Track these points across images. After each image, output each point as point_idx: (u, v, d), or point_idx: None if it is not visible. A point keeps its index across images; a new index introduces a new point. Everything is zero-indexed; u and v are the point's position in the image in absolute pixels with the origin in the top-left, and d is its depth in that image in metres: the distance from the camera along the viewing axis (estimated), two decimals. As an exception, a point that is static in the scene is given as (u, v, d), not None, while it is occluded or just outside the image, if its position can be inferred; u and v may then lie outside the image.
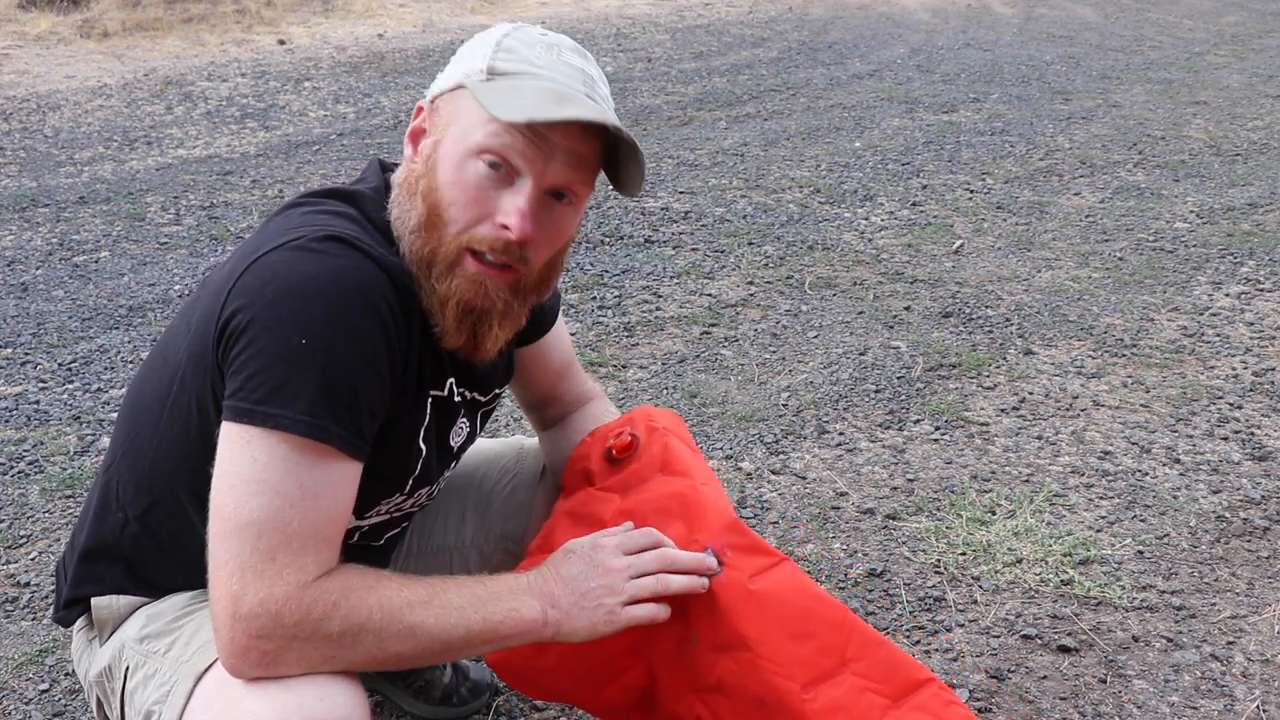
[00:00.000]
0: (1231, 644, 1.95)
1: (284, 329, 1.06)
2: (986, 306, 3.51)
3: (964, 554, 2.21)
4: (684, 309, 3.49)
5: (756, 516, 2.35)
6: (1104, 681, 1.86)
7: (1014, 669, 1.89)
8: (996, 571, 2.15)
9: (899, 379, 3.01)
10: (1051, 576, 2.13)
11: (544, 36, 1.20)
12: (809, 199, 4.66)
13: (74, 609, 1.34)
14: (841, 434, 2.71)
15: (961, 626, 2.00)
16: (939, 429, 2.73)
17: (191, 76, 7.18)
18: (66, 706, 1.82)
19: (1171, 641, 1.96)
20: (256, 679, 1.07)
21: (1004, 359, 3.13)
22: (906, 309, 3.49)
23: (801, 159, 5.27)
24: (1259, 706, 1.80)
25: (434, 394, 1.27)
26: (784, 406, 2.86)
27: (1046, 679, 1.87)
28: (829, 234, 4.20)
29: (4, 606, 2.08)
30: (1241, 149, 5.51)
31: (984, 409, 2.84)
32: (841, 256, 3.97)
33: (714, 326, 3.36)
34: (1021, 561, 2.18)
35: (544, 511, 1.56)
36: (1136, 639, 1.97)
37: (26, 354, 3.19)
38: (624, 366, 3.10)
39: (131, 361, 3.11)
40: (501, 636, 1.17)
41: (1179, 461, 2.57)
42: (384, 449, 1.18)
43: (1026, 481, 2.48)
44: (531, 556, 1.37)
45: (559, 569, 1.23)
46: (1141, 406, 2.84)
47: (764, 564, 1.25)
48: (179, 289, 3.65)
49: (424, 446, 1.27)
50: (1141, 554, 2.21)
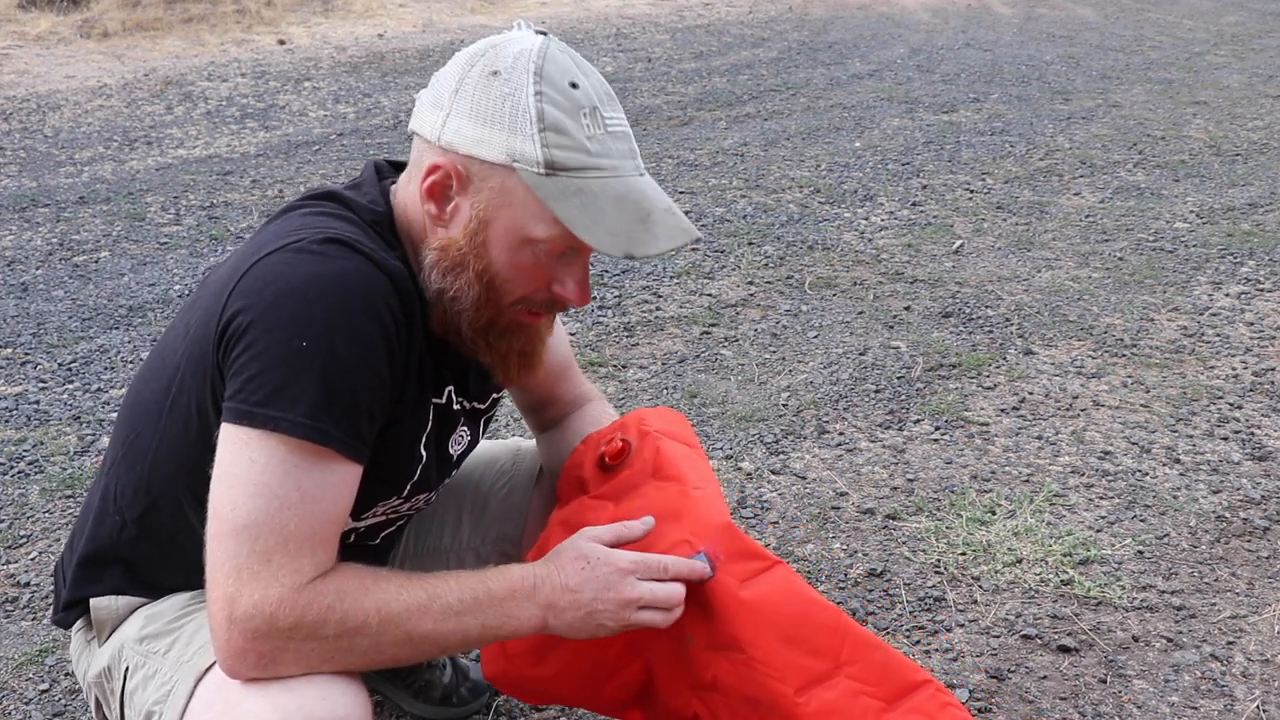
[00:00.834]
0: (1231, 644, 1.95)
1: (285, 331, 1.06)
2: (986, 306, 3.51)
3: (964, 554, 2.21)
4: (684, 309, 3.49)
5: (756, 516, 2.35)
6: (1104, 681, 1.86)
7: (1014, 669, 1.89)
8: (996, 571, 2.15)
9: (899, 379, 3.01)
10: (1051, 576, 2.13)
11: (574, 91, 1.12)
12: (809, 199, 4.66)
13: (73, 611, 1.34)
14: (841, 434, 2.71)
15: (961, 626, 2.00)
16: (939, 429, 2.73)
17: (191, 76, 7.18)
18: (66, 706, 1.82)
19: (1171, 641, 1.96)
20: (255, 680, 1.07)
21: (1004, 359, 3.13)
22: (906, 309, 3.49)
23: (801, 159, 5.27)
24: (1259, 706, 1.80)
25: (434, 401, 1.28)
26: (784, 406, 2.86)
27: (1046, 679, 1.87)
28: (829, 234, 4.20)
29: (4, 606, 2.08)
30: (1241, 149, 5.51)
31: (984, 409, 2.84)
32: (841, 256, 3.97)
33: (714, 326, 3.36)
34: (1021, 561, 2.18)
35: (541, 513, 1.56)
36: (1136, 639, 1.97)
37: (26, 354, 3.19)
38: (624, 366, 3.10)
39: (131, 361, 3.11)
40: (499, 638, 1.19)
41: (1179, 461, 2.57)
42: (384, 452, 1.19)
43: (1026, 481, 2.48)
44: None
45: (567, 577, 1.20)
46: (1141, 406, 2.84)
47: (756, 568, 1.25)
48: (179, 289, 3.65)
49: (424, 453, 1.28)
50: (1141, 554, 2.21)
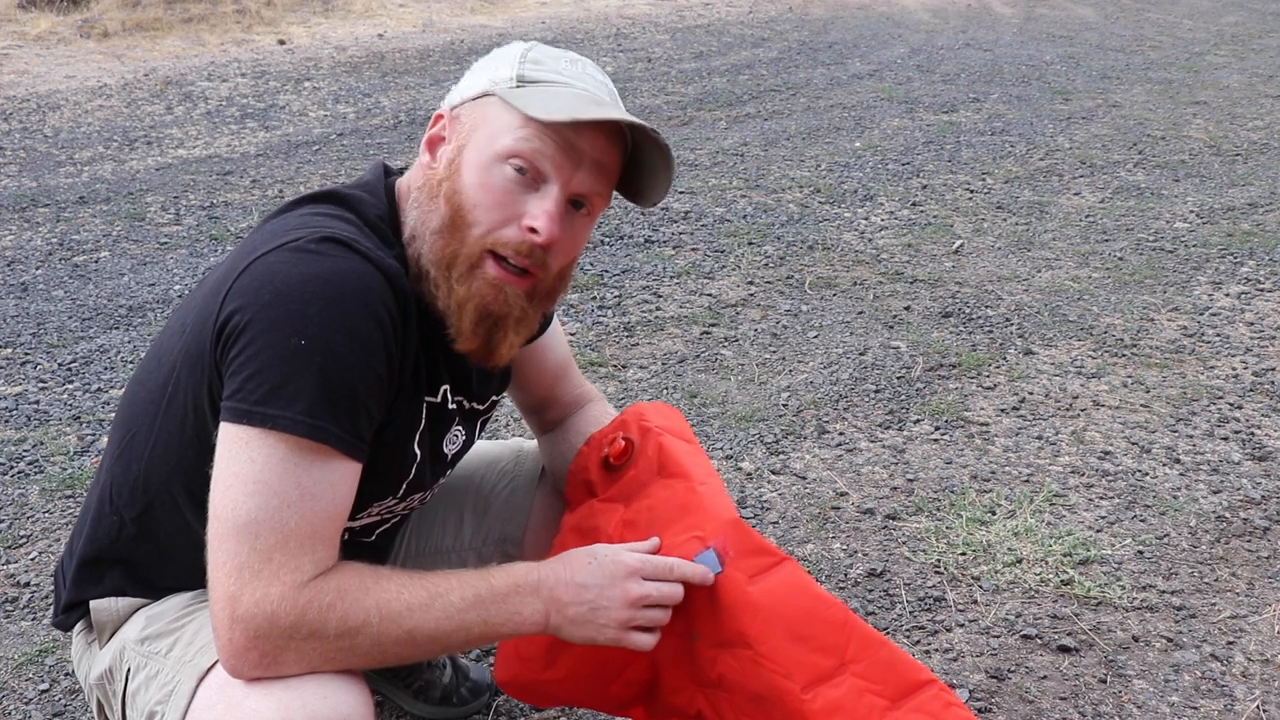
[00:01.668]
0: (1231, 644, 1.95)
1: (282, 330, 1.07)
2: (986, 306, 3.51)
3: (964, 554, 2.21)
4: (684, 309, 3.49)
5: (756, 516, 2.35)
6: (1104, 681, 1.86)
7: (1014, 669, 1.89)
8: (996, 571, 2.15)
9: (899, 379, 3.01)
10: (1051, 576, 2.13)
11: (564, 53, 1.24)
12: (809, 199, 4.66)
13: (73, 613, 1.34)
14: (841, 434, 2.71)
15: (961, 626, 2.00)
16: (939, 429, 2.73)
17: (191, 76, 7.18)
18: (66, 706, 1.82)
19: (1171, 641, 1.96)
20: (257, 679, 1.07)
21: (1004, 359, 3.13)
22: (906, 309, 3.49)
23: (801, 159, 5.27)
24: (1259, 706, 1.80)
25: (428, 400, 1.27)
26: (784, 406, 2.86)
27: (1046, 679, 1.87)
28: (829, 234, 4.20)
29: (4, 606, 2.08)
30: (1241, 149, 5.51)
31: (984, 409, 2.84)
32: (841, 256, 3.97)
33: (714, 326, 3.36)
34: (1021, 561, 2.18)
35: (542, 514, 1.56)
36: (1136, 639, 1.97)
37: (26, 354, 3.19)
38: (624, 366, 3.10)
39: (131, 361, 3.12)
40: (501, 636, 1.18)
41: (1179, 461, 2.57)
42: (380, 450, 1.19)
43: (1026, 481, 2.48)
44: None
45: (574, 573, 1.20)
46: (1141, 406, 2.85)
47: (765, 564, 1.25)
48: (179, 289, 3.65)
49: (418, 451, 1.28)
50: (1141, 554, 2.21)
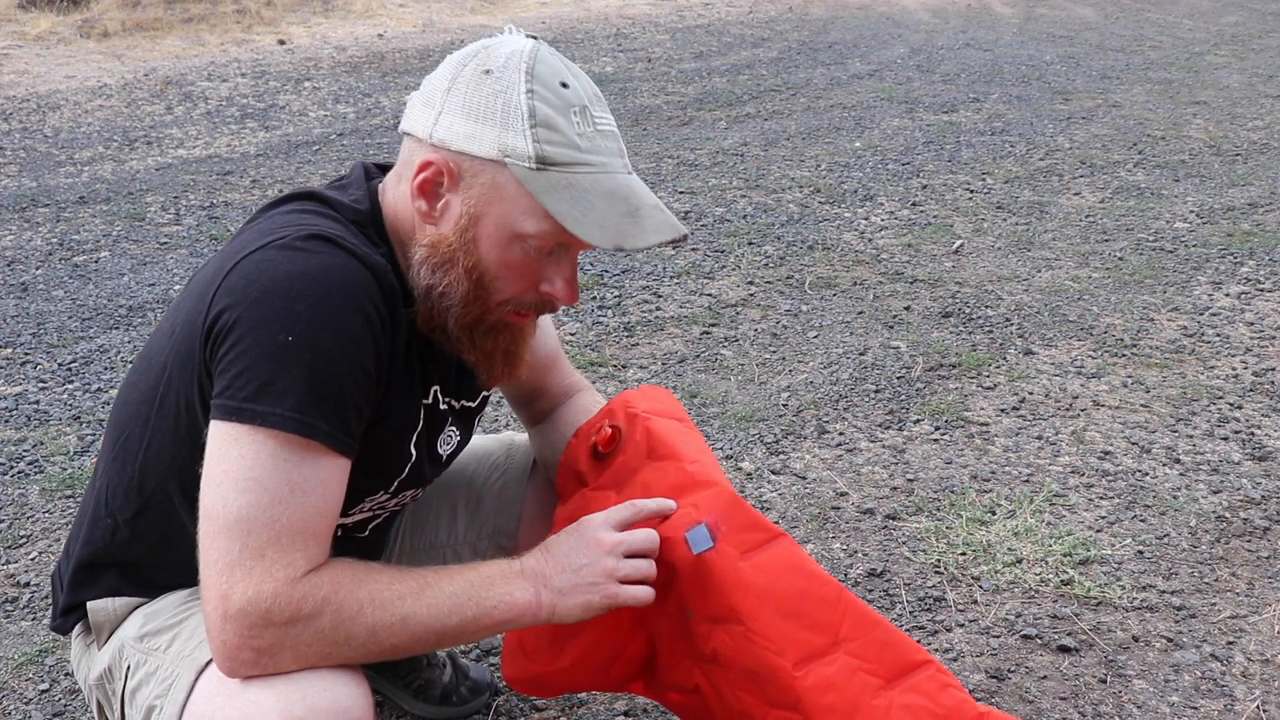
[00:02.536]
0: (1231, 644, 1.95)
1: (270, 327, 1.07)
2: (986, 306, 3.51)
3: (964, 554, 2.21)
4: (684, 309, 3.49)
5: (756, 516, 2.35)
6: (1104, 681, 1.86)
7: (1014, 669, 1.89)
8: (996, 571, 2.15)
9: (899, 379, 3.01)
10: (1051, 576, 2.13)
11: (565, 90, 1.14)
12: (809, 199, 4.66)
13: (71, 616, 1.34)
14: (841, 434, 2.71)
15: (961, 626, 2.00)
16: (939, 429, 2.73)
17: (191, 76, 7.18)
18: (66, 706, 1.82)
19: (1171, 641, 1.96)
20: (253, 677, 1.08)
21: (1004, 359, 3.13)
22: (906, 309, 3.49)
23: (801, 159, 5.27)
24: (1259, 706, 1.80)
25: (421, 403, 1.28)
26: (784, 406, 2.86)
27: (1046, 679, 1.87)
28: (829, 234, 4.20)
29: (4, 606, 2.08)
30: (1241, 149, 5.51)
31: (984, 409, 2.84)
32: (841, 256, 3.97)
33: (714, 326, 3.36)
34: (1021, 561, 2.18)
35: (535, 507, 1.56)
36: (1136, 639, 1.97)
37: (26, 354, 3.19)
38: (624, 366, 3.10)
39: (131, 361, 3.11)
40: (496, 622, 1.17)
41: (1179, 461, 2.57)
42: (373, 449, 1.19)
43: (1026, 481, 2.48)
44: None
45: (550, 547, 1.23)
46: (1141, 406, 2.84)
47: (759, 539, 1.25)
48: (179, 289, 3.65)
49: (414, 451, 1.28)
50: (1141, 554, 2.21)
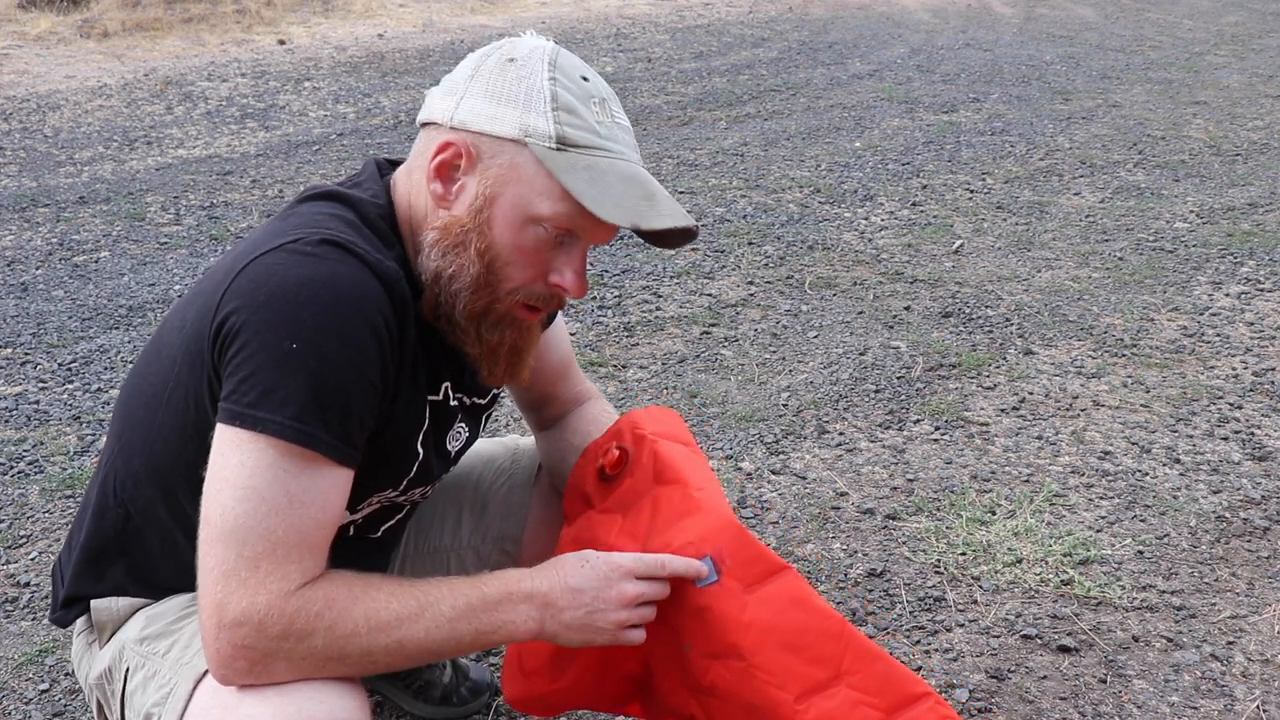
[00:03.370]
0: (1231, 644, 1.95)
1: (275, 333, 1.06)
2: (986, 306, 3.51)
3: (964, 554, 2.21)
4: (684, 309, 3.49)
5: (756, 516, 2.35)
6: (1104, 681, 1.86)
7: (1014, 669, 1.89)
8: (996, 571, 2.15)
9: (899, 379, 3.01)
10: (1051, 576, 2.13)
11: (586, 83, 1.17)
12: (809, 199, 4.66)
13: (72, 609, 1.33)
14: (841, 434, 2.71)
15: (961, 626, 2.00)
16: (939, 429, 2.73)
17: (191, 76, 7.18)
18: (66, 706, 1.82)
19: (1171, 641, 1.96)
20: (248, 687, 1.07)
21: (1004, 359, 3.13)
22: (906, 309, 3.49)
23: (801, 159, 5.27)
24: (1259, 706, 1.80)
25: (430, 399, 1.27)
26: (784, 406, 2.86)
27: (1046, 679, 1.87)
28: (829, 234, 4.20)
29: (4, 606, 2.08)
30: (1241, 149, 5.51)
31: (984, 409, 2.84)
32: (841, 256, 3.97)
33: (714, 326, 3.36)
34: (1021, 561, 2.18)
35: (540, 512, 1.56)
36: (1136, 639, 1.97)
37: (26, 354, 3.19)
38: (624, 366, 3.10)
39: (131, 361, 3.11)
40: (493, 644, 1.18)
41: (1179, 461, 2.57)
42: (380, 452, 1.19)
43: (1026, 481, 2.48)
44: None
45: (567, 577, 1.20)
46: (1141, 406, 2.84)
47: (763, 572, 1.25)
48: (179, 289, 3.65)
49: (421, 450, 1.28)
50: (1141, 554, 2.21)
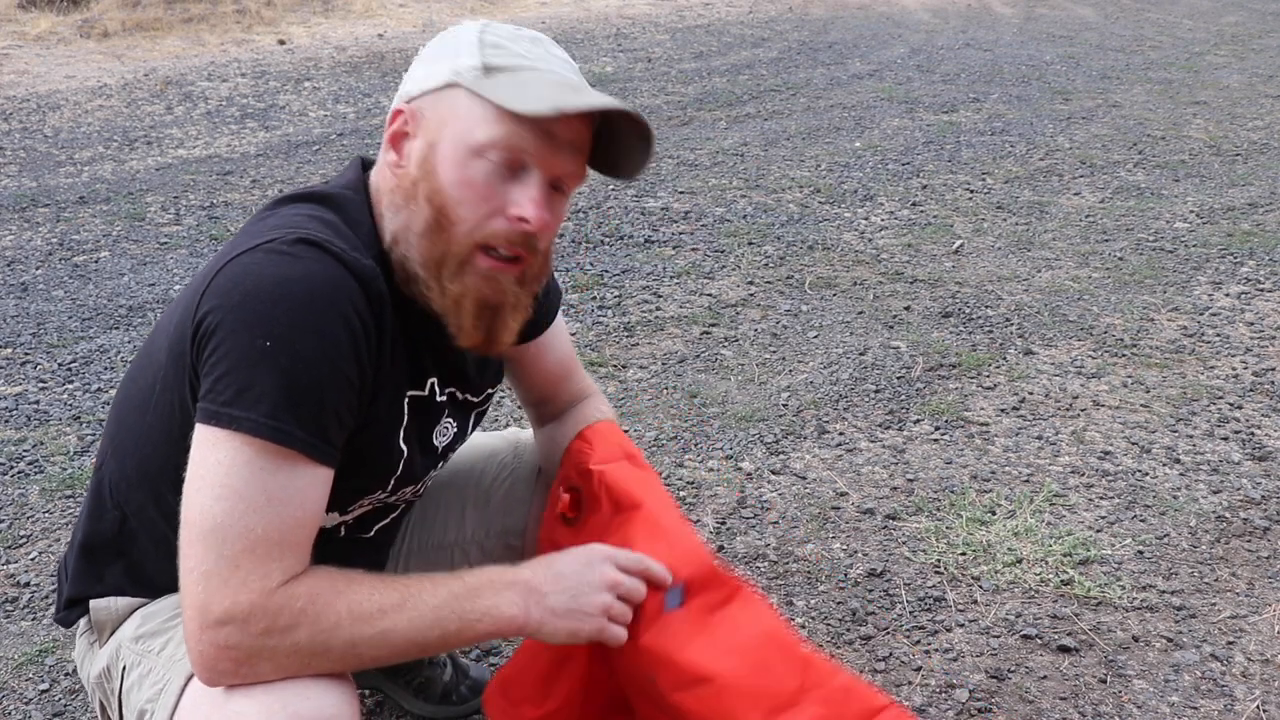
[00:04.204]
0: (1231, 644, 1.95)
1: (249, 331, 1.06)
2: (986, 306, 3.51)
3: (964, 554, 2.21)
4: (684, 309, 3.49)
5: (756, 516, 2.35)
6: (1104, 681, 1.86)
7: (1014, 669, 1.89)
8: (996, 571, 2.15)
9: (899, 379, 3.01)
10: (1051, 576, 2.13)
11: (520, 31, 1.21)
12: (809, 199, 4.66)
13: (75, 609, 1.34)
14: (841, 434, 2.71)
15: (961, 626, 2.00)
16: (939, 429, 2.73)
17: (191, 76, 7.18)
18: (66, 706, 1.82)
19: (1171, 641, 1.96)
20: (234, 686, 1.07)
21: (1004, 359, 3.13)
22: (906, 309, 3.49)
23: (801, 159, 5.27)
24: (1259, 706, 1.80)
25: (412, 394, 1.27)
26: (784, 406, 2.86)
27: (1046, 679, 1.87)
28: (829, 234, 4.20)
29: (4, 606, 2.08)
30: (1241, 149, 5.51)
31: (984, 409, 2.84)
32: (841, 256, 3.97)
33: (714, 326, 3.36)
34: (1021, 561, 2.18)
35: (542, 506, 1.56)
36: (1136, 639, 1.97)
37: (26, 354, 3.19)
38: (624, 366, 3.10)
39: (131, 362, 3.11)
40: (480, 634, 1.16)
41: (1179, 461, 2.57)
42: (362, 449, 1.18)
43: (1026, 481, 2.48)
44: None
45: (550, 563, 1.22)
46: (1141, 406, 2.84)
47: (725, 596, 1.27)
48: (179, 289, 3.65)
49: (404, 447, 1.27)
50: (1141, 554, 2.21)
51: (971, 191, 4.78)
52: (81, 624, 1.35)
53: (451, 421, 1.37)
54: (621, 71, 7.36)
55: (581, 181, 1.24)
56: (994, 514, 2.35)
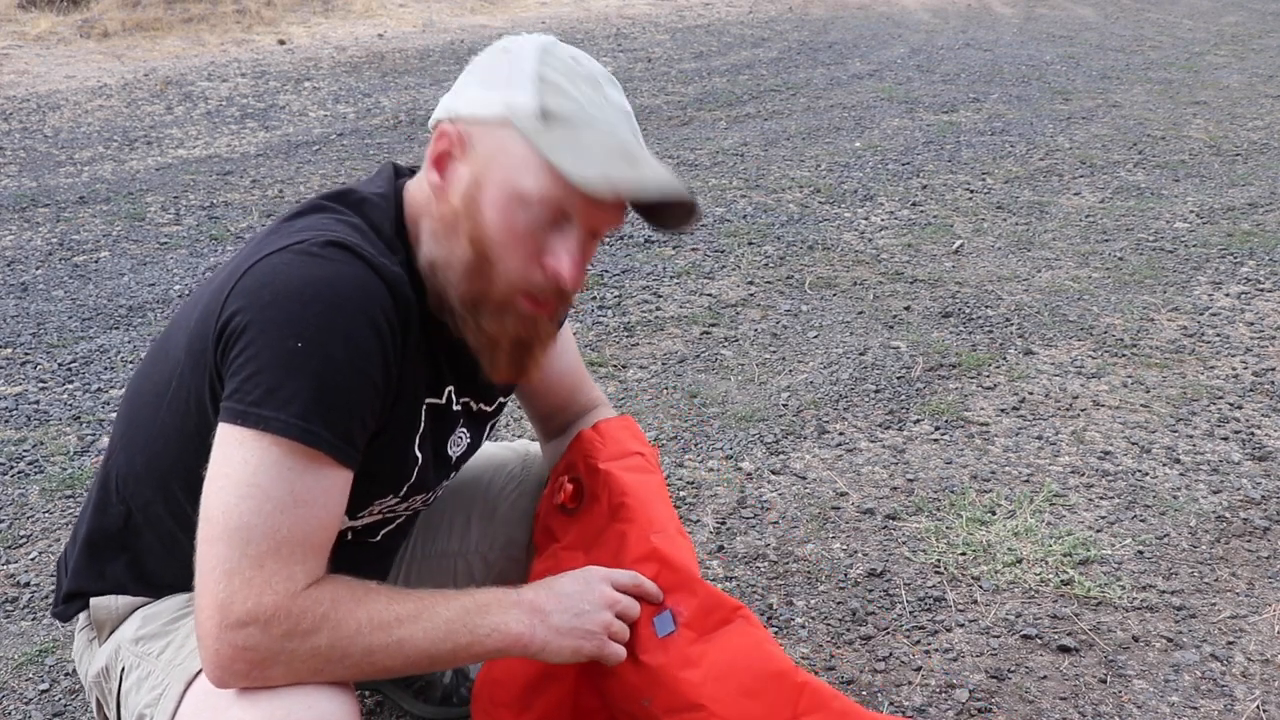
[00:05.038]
0: (1231, 644, 1.95)
1: (280, 332, 1.06)
2: (986, 306, 3.51)
3: (964, 554, 2.21)
4: (684, 309, 3.49)
5: (756, 516, 2.35)
6: (1104, 681, 1.86)
7: (1014, 669, 1.89)
8: (996, 571, 2.15)
9: (899, 379, 3.01)
10: (1051, 576, 2.13)
11: (576, 64, 1.16)
12: (809, 199, 4.66)
13: (73, 604, 1.34)
14: (841, 434, 2.71)
15: (961, 626, 2.00)
16: (939, 429, 2.73)
17: (191, 76, 7.18)
18: (66, 706, 1.82)
19: (1171, 641, 1.96)
20: (243, 690, 1.07)
21: (1004, 359, 3.13)
22: (906, 309, 3.49)
23: (801, 159, 5.27)
24: (1259, 706, 1.80)
25: (430, 401, 1.27)
26: (784, 406, 2.86)
27: (1046, 679, 1.87)
28: (829, 234, 4.20)
29: (4, 606, 2.08)
30: (1241, 149, 5.51)
31: (984, 409, 2.84)
32: (841, 256, 3.97)
33: (714, 326, 3.36)
34: (1021, 561, 2.18)
35: None
36: (1136, 639, 1.97)
37: (26, 354, 3.19)
38: (624, 366, 3.10)
39: (131, 361, 3.12)
40: (488, 650, 1.17)
41: (1179, 461, 2.57)
42: (378, 456, 1.18)
43: (1026, 481, 2.48)
44: None
45: (552, 584, 1.24)
46: (1141, 406, 2.84)
47: (719, 619, 1.27)
48: (179, 289, 3.65)
49: (419, 454, 1.27)
50: (1141, 554, 2.21)
51: (971, 191, 4.78)
52: (80, 619, 1.35)
53: (465, 432, 1.37)
54: (621, 71, 7.36)
55: (619, 227, 1.24)
56: (994, 514, 2.35)
